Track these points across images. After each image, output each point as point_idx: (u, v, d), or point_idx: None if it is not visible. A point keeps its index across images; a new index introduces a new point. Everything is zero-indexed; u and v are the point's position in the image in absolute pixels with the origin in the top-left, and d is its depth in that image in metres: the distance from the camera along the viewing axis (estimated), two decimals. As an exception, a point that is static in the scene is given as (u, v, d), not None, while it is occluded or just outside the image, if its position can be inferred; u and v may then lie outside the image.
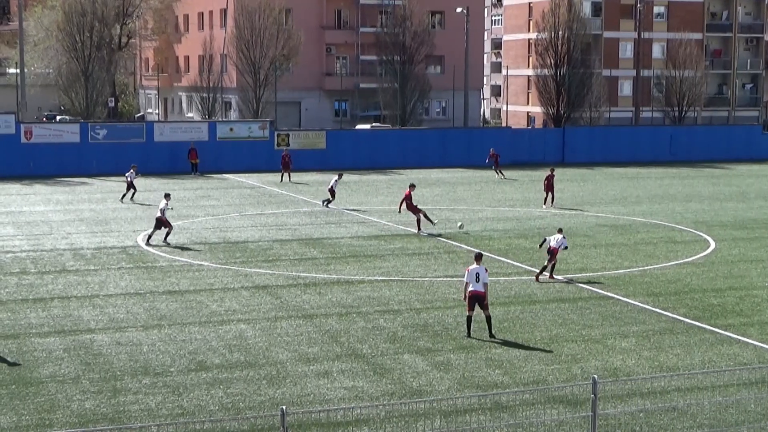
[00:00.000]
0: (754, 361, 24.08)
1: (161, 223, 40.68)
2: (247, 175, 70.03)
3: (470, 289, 25.83)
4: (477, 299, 25.87)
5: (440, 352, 24.72)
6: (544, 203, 53.13)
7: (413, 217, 45.48)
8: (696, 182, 68.03)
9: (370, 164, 74.34)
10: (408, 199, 44.54)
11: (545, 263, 33.68)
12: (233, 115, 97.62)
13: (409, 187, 45.40)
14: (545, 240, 34.40)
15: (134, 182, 55.74)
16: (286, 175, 66.98)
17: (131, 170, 56.00)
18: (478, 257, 26.63)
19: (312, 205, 53.74)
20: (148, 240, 40.69)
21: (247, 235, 43.22)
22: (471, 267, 26.16)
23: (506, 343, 25.52)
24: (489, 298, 26.26)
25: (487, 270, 26.27)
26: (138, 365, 23.41)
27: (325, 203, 52.45)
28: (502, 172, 69.92)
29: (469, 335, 25.98)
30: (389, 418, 19.89)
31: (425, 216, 44.07)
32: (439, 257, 37.74)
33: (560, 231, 34.85)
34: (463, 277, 26.57)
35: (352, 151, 76.40)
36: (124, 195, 55.42)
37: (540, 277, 33.64)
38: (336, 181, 52.72)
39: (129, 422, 19.66)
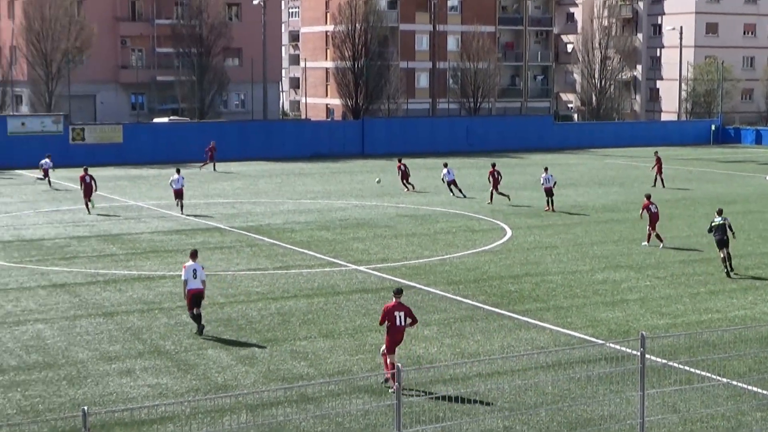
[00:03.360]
0: (551, 344, 24.82)
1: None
2: (41, 170, 67.89)
3: (189, 287, 25.36)
4: (198, 297, 25.45)
5: (245, 346, 24.58)
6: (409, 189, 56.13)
7: (213, 210, 45.05)
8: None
9: (168, 158, 73.20)
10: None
11: (549, 199, 48.17)
12: (25, 109, 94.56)
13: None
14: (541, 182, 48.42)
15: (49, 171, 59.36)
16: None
17: (46, 158, 60.01)
18: (194, 254, 26.05)
19: (109, 200, 52.63)
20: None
21: (43, 232, 41.99)
22: (188, 264, 25.66)
23: (311, 335, 25.57)
24: (290, 290, 26.22)
25: (204, 267, 26.03)
26: (-71, 370, 22.46)
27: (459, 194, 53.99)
28: (215, 166, 69.61)
29: (200, 333, 25.43)
30: (194, 415, 19.67)
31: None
32: (242, 251, 37.53)
33: (546, 170, 49.05)
34: (182, 275, 25.95)
35: (151, 145, 75.21)
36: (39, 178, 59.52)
37: (554, 208, 47.77)
38: (448, 171, 54.34)
39: None
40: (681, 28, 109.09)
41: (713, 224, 33.31)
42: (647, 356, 18.14)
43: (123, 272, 33.40)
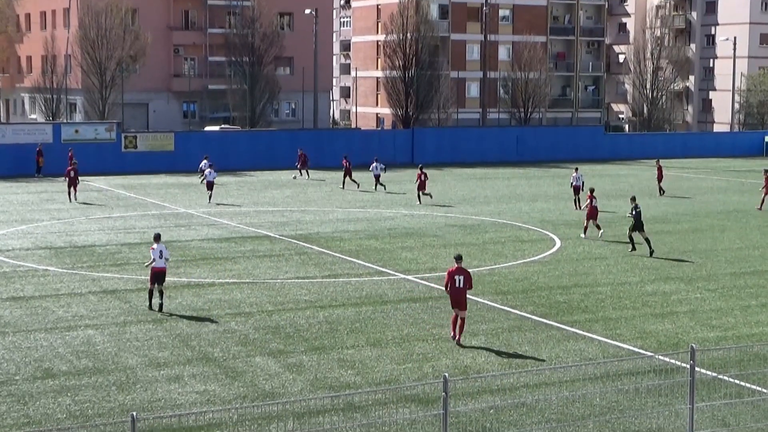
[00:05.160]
0: (599, 356, 24.70)
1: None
2: (93, 177, 68.59)
3: (154, 265, 28.79)
4: (160, 274, 28.91)
5: (292, 353, 24.67)
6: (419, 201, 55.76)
7: (263, 218, 45.37)
8: (542, 182, 69.44)
9: (219, 166, 73.01)
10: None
11: (576, 198, 52.69)
12: (79, 116, 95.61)
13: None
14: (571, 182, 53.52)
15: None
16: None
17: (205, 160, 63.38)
18: (158, 237, 29.54)
19: (161, 207, 53.05)
20: None
21: (95, 238, 42.40)
22: (154, 246, 29.10)
23: (358, 344, 25.62)
24: (340, 299, 26.34)
25: (167, 248, 29.88)
26: (-19, 374, 22.76)
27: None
28: (308, 172, 70.57)
29: (150, 308, 28.94)
30: (242, 422, 19.77)
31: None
32: (291, 259, 37.68)
33: (576, 170, 54.71)
34: (150, 255, 29.35)
35: (202, 153, 75.47)
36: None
37: (579, 206, 50.36)
38: (376, 166, 61.84)
39: (-28, 433, 19.12)
40: (735, 38, 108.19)
41: (637, 210, 39.01)
42: (697, 369, 18.01)
43: (173, 279, 33.60)
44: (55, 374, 22.83)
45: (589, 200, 42.85)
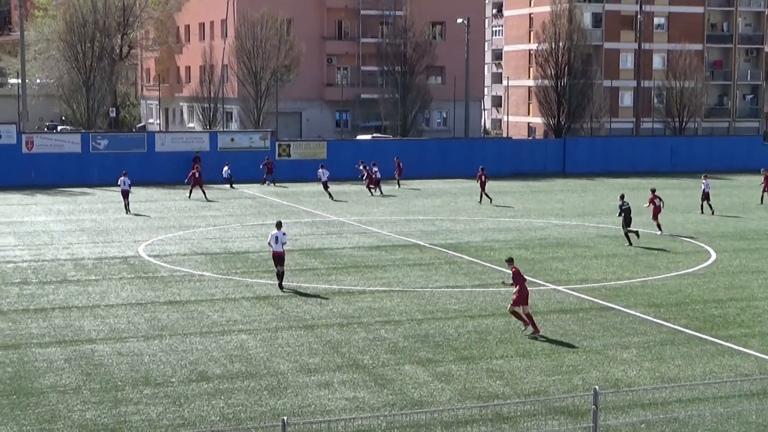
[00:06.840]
0: (756, 372, 24.06)
1: None
2: (248, 185, 70.06)
3: (273, 249, 32.99)
4: (279, 258, 32.97)
5: (441, 362, 24.71)
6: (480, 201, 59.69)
7: (413, 227, 45.51)
8: (696, 193, 67.77)
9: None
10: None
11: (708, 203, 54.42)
12: (234, 125, 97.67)
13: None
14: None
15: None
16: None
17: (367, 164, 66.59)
18: (279, 225, 33.28)
19: (312, 215, 53.76)
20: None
21: (249, 245, 43.24)
22: (273, 232, 33.00)
23: (507, 354, 25.51)
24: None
25: (285, 234, 33.44)
26: (139, 375, 23.42)
27: None
28: (399, 183, 70.83)
29: (281, 288, 33.08)
30: (390, 429, 19.89)
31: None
32: (440, 268, 37.75)
33: (705, 177, 56.00)
34: (267, 239, 34.20)
35: (353, 162, 76.31)
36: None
37: (713, 212, 53.92)
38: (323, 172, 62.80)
39: (130, 433, 19.69)
40: None
41: (624, 207, 43.10)
42: None
43: (324, 286, 34.07)
44: (210, 377, 23.35)
45: (650, 200, 46.82)
